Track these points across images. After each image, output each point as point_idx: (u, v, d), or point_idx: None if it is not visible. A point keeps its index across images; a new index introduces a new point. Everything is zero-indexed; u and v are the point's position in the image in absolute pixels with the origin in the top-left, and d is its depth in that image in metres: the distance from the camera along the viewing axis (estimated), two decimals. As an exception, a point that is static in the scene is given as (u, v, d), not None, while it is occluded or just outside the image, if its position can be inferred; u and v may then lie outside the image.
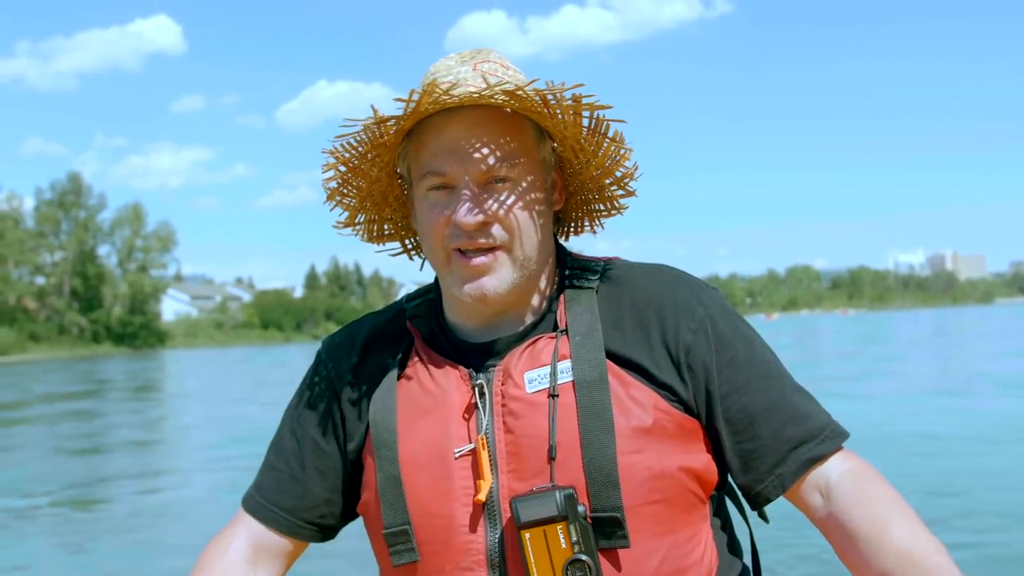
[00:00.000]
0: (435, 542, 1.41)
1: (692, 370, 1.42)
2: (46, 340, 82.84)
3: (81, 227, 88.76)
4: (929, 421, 13.20)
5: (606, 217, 1.58)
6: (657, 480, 1.37)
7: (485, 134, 1.39)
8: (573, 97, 1.34)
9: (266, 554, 1.55)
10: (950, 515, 7.49)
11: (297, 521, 1.55)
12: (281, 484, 1.56)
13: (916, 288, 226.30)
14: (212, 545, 1.55)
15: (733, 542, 1.53)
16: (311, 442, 1.55)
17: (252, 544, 1.54)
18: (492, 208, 1.40)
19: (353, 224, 1.58)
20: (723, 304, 1.49)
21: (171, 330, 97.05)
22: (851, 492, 1.37)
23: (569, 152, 1.45)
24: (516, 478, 1.39)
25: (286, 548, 1.56)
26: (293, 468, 1.56)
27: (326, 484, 1.55)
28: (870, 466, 1.42)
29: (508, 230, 1.41)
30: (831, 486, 1.39)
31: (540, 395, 1.40)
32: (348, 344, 1.58)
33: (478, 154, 1.39)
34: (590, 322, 1.44)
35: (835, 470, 1.41)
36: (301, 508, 1.55)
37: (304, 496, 1.55)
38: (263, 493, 1.57)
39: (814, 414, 1.44)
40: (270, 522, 1.55)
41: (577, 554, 1.31)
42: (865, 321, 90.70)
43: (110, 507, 10.40)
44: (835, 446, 1.42)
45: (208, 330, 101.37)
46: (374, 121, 1.37)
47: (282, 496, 1.55)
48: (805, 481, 1.41)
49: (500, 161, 1.39)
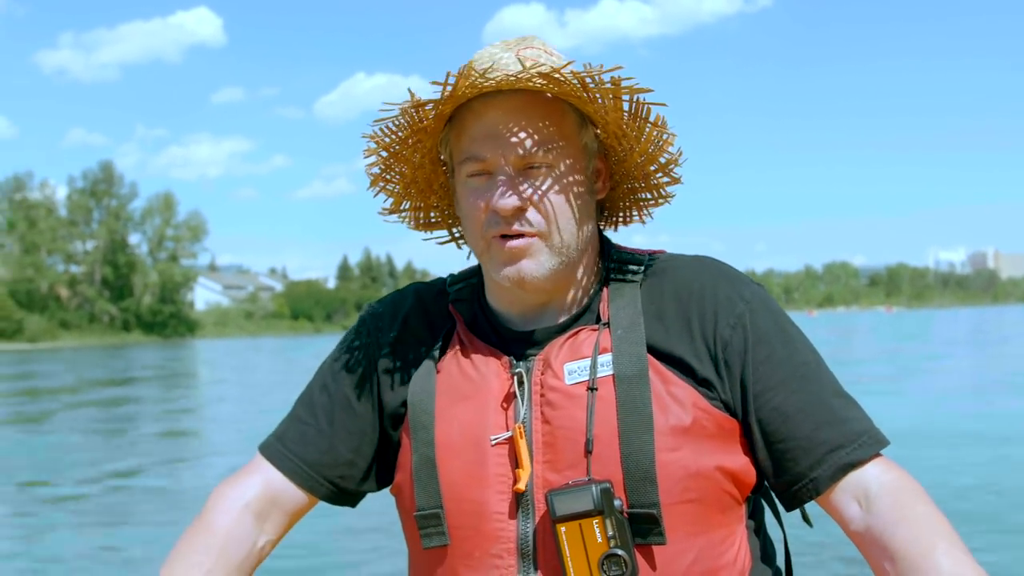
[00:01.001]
0: (466, 527, 1.41)
1: (728, 366, 1.41)
2: (76, 328, 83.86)
3: (112, 216, 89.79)
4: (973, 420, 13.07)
5: (653, 206, 1.57)
6: (693, 479, 1.37)
7: (523, 119, 1.39)
8: (612, 80, 1.32)
9: (276, 508, 1.53)
10: (984, 513, 7.40)
11: (317, 476, 1.53)
12: (306, 436, 1.55)
13: (956, 286, 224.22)
14: (223, 493, 1.53)
15: (767, 545, 1.52)
16: (343, 400, 1.55)
17: (265, 495, 1.52)
18: (528, 193, 1.39)
19: (399, 211, 1.59)
20: (765, 300, 1.47)
21: (201, 319, 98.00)
22: (893, 507, 1.33)
23: (612, 139, 1.44)
24: (550, 469, 1.39)
25: (298, 503, 1.54)
26: (321, 423, 1.55)
27: (351, 444, 1.54)
28: (912, 479, 1.37)
29: (545, 216, 1.40)
30: (871, 497, 1.35)
31: (579, 387, 1.40)
32: (391, 314, 1.58)
33: (515, 139, 1.39)
34: (632, 316, 1.43)
35: (875, 480, 1.36)
36: (323, 464, 1.53)
37: (328, 451, 1.53)
38: (286, 443, 1.55)
39: (853, 418, 1.40)
40: (289, 472, 1.53)
41: (613, 549, 1.31)
42: (903, 319, 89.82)
43: (141, 491, 10.43)
44: (873, 452, 1.38)
45: (238, 320, 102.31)
46: (411, 105, 1.38)
47: (306, 448, 1.54)
48: (840, 487, 1.38)
49: (538, 146, 1.39)
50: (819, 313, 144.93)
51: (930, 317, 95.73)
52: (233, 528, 1.48)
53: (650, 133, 1.41)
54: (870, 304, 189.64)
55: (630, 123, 1.40)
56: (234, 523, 1.49)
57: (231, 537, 1.48)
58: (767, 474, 1.43)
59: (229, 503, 1.51)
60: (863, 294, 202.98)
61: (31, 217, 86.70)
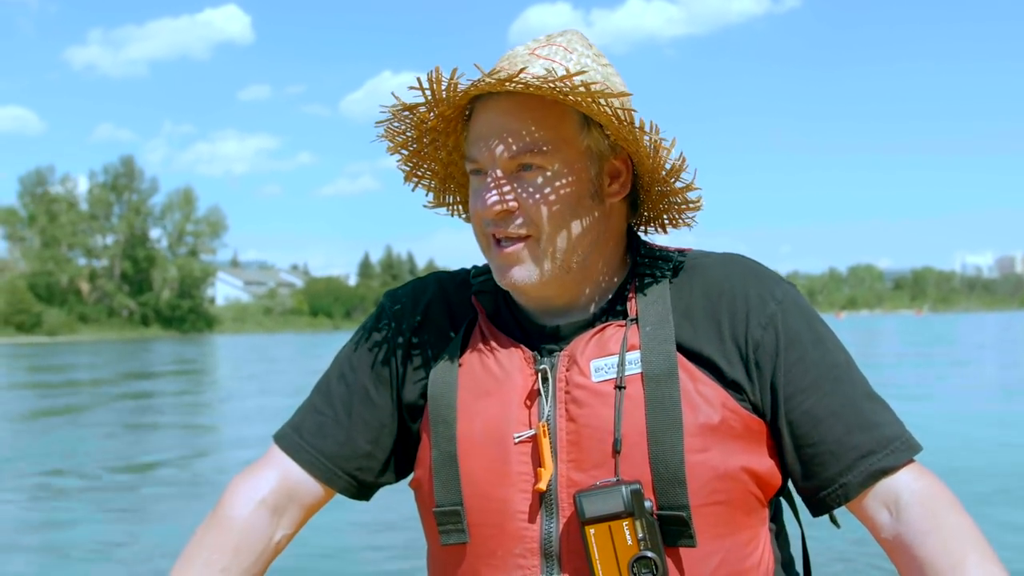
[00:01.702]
0: (487, 525, 1.39)
1: (759, 368, 1.39)
2: (95, 322, 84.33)
3: (132, 210, 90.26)
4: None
5: (686, 211, 1.52)
6: (721, 480, 1.35)
7: (516, 120, 1.37)
8: (583, 84, 1.30)
9: (293, 502, 1.50)
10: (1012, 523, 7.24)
11: (335, 468, 1.51)
12: (324, 428, 1.52)
13: (982, 290, 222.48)
14: (238, 487, 1.50)
15: (788, 547, 1.51)
16: (362, 390, 1.52)
17: (282, 488, 1.50)
18: (514, 196, 1.38)
19: (443, 204, 1.59)
20: (797, 300, 1.44)
21: (220, 315, 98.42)
22: (924, 516, 1.31)
23: (622, 141, 1.40)
24: (575, 468, 1.37)
25: (315, 496, 1.52)
26: (339, 413, 1.52)
27: (370, 436, 1.51)
28: (945, 488, 1.35)
29: (535, 219, 1.38)
30: (901, 505, 1.33)
31: (606, 385, 1.37)
32: (412, 302, 1.56)
33: (505, 140, 1.37)
34: (661, 313, 1.41)
35: (906, 487, 1.34)
36: (341, 456, 1.51)
37: (346, 443, 1.51)
38: (303, 435, 1.53)
39: (885, 423, 1.38)
40: (308, 465, 1.51)
41: (644, 551, 1.29)
42: (929, 323, 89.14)
43: (158, 483, 10.47)
44: (906, 459, 1.36)
45: (257, 316, 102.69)
46: (400, 108, 1.40)
47: (324, 440, 1.51)
48: (871, 494, 1.36)
49: (527, 148, 1.37)
50: (845, 316, 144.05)
51: (956, 321, 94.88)
52: (249, 524, 1.46)
53: (640, 136, 1.36)
54: (894, 307, 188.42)
55: (621, 127, 1.36)
56: (250, 518, 1.47)
57: (246, 533, 1.46)
58: (795, 478, 1.42)
59: (245, 498, 1.48)
60: (887, 297, 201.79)
61: (52, 211, 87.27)
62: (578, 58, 1.42)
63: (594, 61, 1.43)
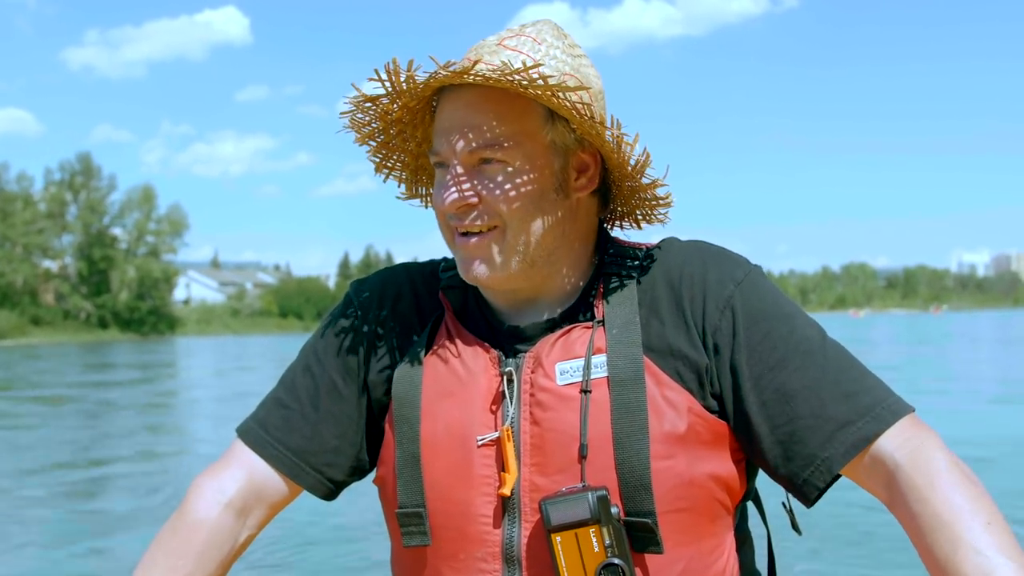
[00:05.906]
0: (449, 528, 1.39)
1: (718, 352, 1.37)
2: (49, 325, 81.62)
3: (88, 209, 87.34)
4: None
5: (656, 207, 1.48)
6: (686, 487, 1.34)
7: (477, 114, 1.36)
8: (540, 76, 1.28)
9: (260, 501, 1.49)
10: None
11: (302, 464, 1.50)
12: (290, 422, 1.51)
13: (975, 289, 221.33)
14: (202, 487, 1.47)
15: (753, 554, 1.52)
16: (329, 382, 1.52)
17: (248, 487, 1.48)
18: (475, 191, 1.37)
19: (416, 196, 1.59)
20: (757, 280, 1.41)
21: (184, 316, 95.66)
22: (914, 485, 1.26)
23: (587, 135, 1.38)
24: (539, 472, 1.36)
25: (281, 494, 1.50)
26: (305, 407, 1.51)
27: (337, 430, 1.51)
28: (936, 445, 1.29)
29: (496, 213, 1.37)
30: (893, 470, 1.28)
31: (571, 388, 1.36)
32: (379, 293, 1.55)
33: (465, 135, 1.36)
34: (628, 315, 1.40)
35: (897, 450, 1.29)
36: (308, 451, 1.50)
37: (313, 438, 1.50)
38: (269, 429, 1.51)
39: (864, 390, 1.34)
40: (274, 460, 1.49)
41: (611, 558, 1.28)
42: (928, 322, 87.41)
43: (116, 485, 9.83)
44: (889, 423, 1.31)
45: (223, 317, 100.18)
46: (361, 100, 1.40)
47: (290, 435, 1.50)
48: (862, 465, 1.32)
49: (488, 143, 1.36)
50: (865, 314, 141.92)
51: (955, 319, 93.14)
52: (214, 527, 1.44)
53: (602, 131, 1.34)
54: (884, 306, 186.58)
55: (583, 121, 1.34)
56: (214, 521, 1.44)
57: (211, 536, 1.43)
58: (777, 465, 1.36)
59: (210, 500, 1.46)
60: (877, 296, 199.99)
61: (6, 210, 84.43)
62: (547, 49, 1.39)
63: (564, 52, 1.40)
